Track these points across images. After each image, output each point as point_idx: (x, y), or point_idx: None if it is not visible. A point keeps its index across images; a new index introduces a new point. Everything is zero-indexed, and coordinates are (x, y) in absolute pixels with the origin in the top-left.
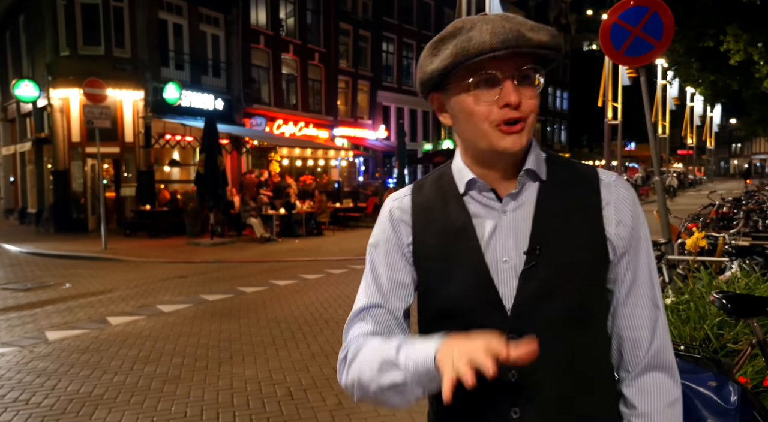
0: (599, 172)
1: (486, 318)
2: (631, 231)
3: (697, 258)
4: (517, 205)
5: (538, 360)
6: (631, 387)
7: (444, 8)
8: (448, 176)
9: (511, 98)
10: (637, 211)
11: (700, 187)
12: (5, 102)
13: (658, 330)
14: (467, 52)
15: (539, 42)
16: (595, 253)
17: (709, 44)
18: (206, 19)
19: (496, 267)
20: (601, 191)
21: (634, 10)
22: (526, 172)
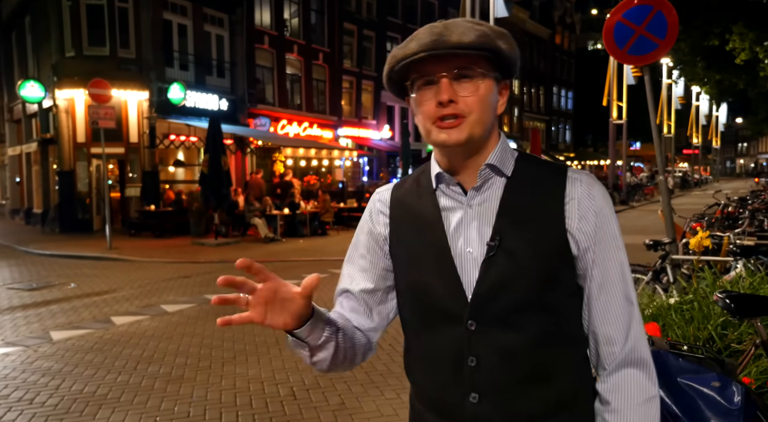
0: (569, 170)
1: (448, 305)
2: (595, 226)
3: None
4: (482, 199)
5: (495, 347)
6: (605, 383)
7: (448, 8)
8: (427, 172)
9: (443, 96)
10: (603, 207)
11: (705, 187)
12: (11, 103)
13: (633, 326)
14: (396, 58)
15: (456, 43)
16: (554, 247)
17: (714, 43)
18: (211, 19)
19: (461, 258)
20: (566, 187)
21: (638, 9)
22: (488, 166)
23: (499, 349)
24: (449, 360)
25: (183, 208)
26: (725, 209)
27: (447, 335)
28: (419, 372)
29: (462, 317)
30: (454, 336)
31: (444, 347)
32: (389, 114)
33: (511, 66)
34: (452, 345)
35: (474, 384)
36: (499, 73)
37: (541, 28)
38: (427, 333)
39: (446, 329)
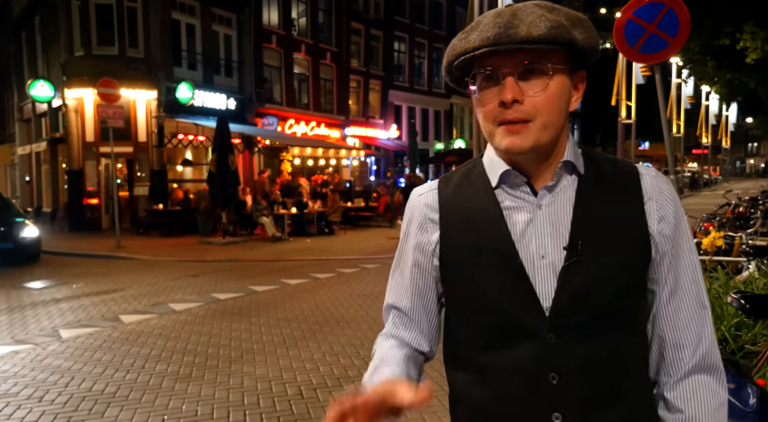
0: (639, 167)
1: (523, 319)
2: (674, 228)
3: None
4: (553, 199)
5: (579, 361)
6: (675, 390)
7: (456, 7)
8: (478, 169)
9: (506, 96)
10: (679, 208)
11: (715, 187)
12: (21, 102)
13: (705, 332)
14: (456, 52)
15: (525, 37)
16: (637, 250)
17: (725, 42)
18: (219, 19)
19: (533, 264)
20: (642, 185)
21: (650, 7)
22: (564, 164)
23: (582, 362)
24: (525, 378)
25: (191, 207)
26: (736, 209)
27: (521, 350)
28: (482, 394)
29: (539, 330)
30: (530, 351)
31: (518, 364)
32: (397, 113)
33: (589, 56)
34: (529, 361)
35: (557, 402)
36: (573, 64)
37: None
38: (493, 349)
39: (519, 344)
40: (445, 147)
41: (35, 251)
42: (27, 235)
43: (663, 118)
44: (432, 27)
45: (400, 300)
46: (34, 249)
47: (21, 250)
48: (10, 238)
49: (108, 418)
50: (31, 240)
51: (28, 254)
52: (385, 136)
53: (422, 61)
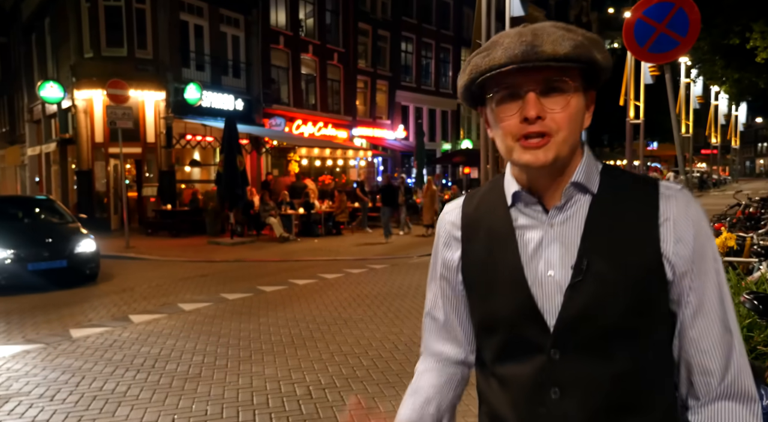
0: (660, 185)
1: (527, 333)
2: (693, 249)
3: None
4: (565, 218)
5: (581, 377)
6: (698, 414)
7: (463, 7)
8: (499, 186)
9: (529, 112)
10: (702, 227)
11: (724, 187)
12: (31, 103)
13: (734, 357)
14: (480, 69)
15: (552, 55)
16: (647, 271)
17: (734, 42)
18: (226, 20)
19: (540, 282)
20: (660, 206)
21: (659, 7)
22: (573, 185)
23: (585, 379)
24: (530, 391)
25: (199, 207)
26: (746, 210)
27: (527, 363)
28: (496, 398)
29: (544, 345)
30: (535, 365)
31: (524, 376)
32: (404, 114)
33: (604, 76)
34: (533, 374)
35: (557, 416)
36: (588, 83)
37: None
38: (504, 360)
39: (526, 357)
40: (453, 147)
41: (94, 269)
42: (84, 250)
43: (672, 117)
44: (439, 27)
45: (435, 310)
46: (93, 267)
47: (77, 268)
48: (63, 254)
49: (118, 417)
50: (88, 255)
51: (86, 273)
52: (392, 136)
53: (429, 61)
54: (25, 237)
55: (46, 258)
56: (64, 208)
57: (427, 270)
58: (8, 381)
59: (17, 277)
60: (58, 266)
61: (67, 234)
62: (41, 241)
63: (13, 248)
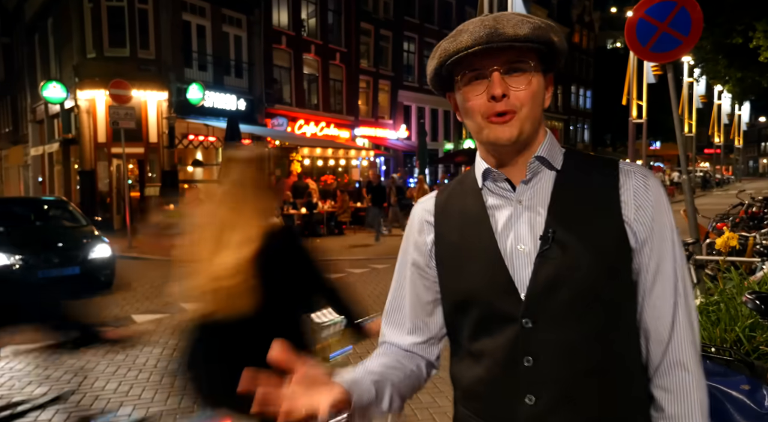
0: (619, 162)
1: (501, 305)
2: (652, 217)
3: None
4: (532, 194)
5: (552, 345)
6: (656, 387)
7: (465, 7)
8: (471, 173)
9: (495, 90)
10: (661, 197)
11: (727, 187)
12: (34, 104)
13: (677, 325)
14: (448, 52)
15: (513, 36)
16: (612, 239)
17: (737, 40)
18: (229, 20)
19: (512, 255)
20: (620, 177)
21: (661, 6)
22: (537, 159)
23: (556, 347)
24: (503, 361)
25: None
26: (749, 209)
27: (500, 335)
28: (469, 377)
29: (516, 315)
30: (508, 336)
31: (497, 348)
32: (406, 113)
33: (559, 59)
34: (506, 345)
35: (530, 385)
36: (546, 65)
37: (560, 27)
38: (478, 336)
39: (499, 329)
40: (455, 147)
41: (109, 275)
42: (98, 255)
43: (675, 117)
44: (441, 27)
45: (400, 299)
46: (108, 274)
47: (90, 275)
48: (76, 260)
49: (120, 417)
50: (103, 261)
51: (100, 280)
52: (394, 136)
53: None
54: (35, 242)
55: (57, 265)
56: (77, 210)
57: None
58: (11, 381)
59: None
60: (70, 273)
61: (80, 238)
62: (52, 246)
63: (21, 254)
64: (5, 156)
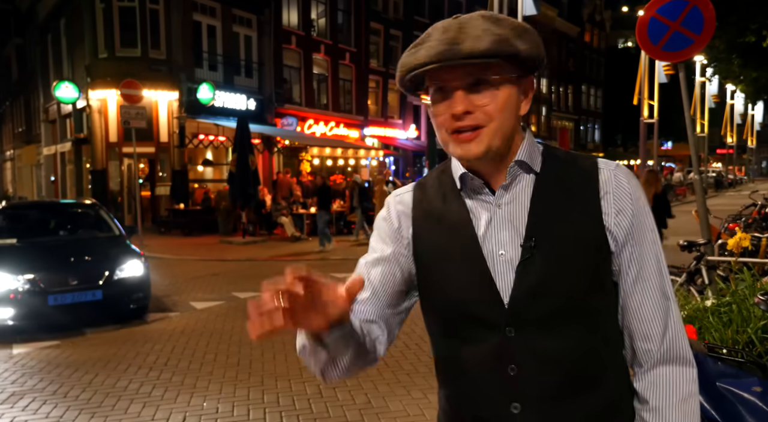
0: (599, 162)
1: (484, 312)
2: (632, 220)
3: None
4: (511, 198)
5: (536, 353)
6: (642, 381)
7: (475, 6)
8: (448, 171)
9: (456, 108)
10: (639, 199)
11: (740, 187)
12: (47, 103)
13: (670, 322)
14: (407, 67)
15: (469, 53)
16: (593, 244)
17: (750, 39)
18: (239, 20)
19: (493, 261)
20: (600, 180)
21: (673, 4)
22: (517, 163)
23: (540, 355)
24: (487, 369)
25: (211, 206)
26: (762, 210)
27: (484, 343)
28: (454, 384)
29: (499, 324)
30: (491, 344)
31: (481, 356)
32: (415, 113)
33: (535, 64)
34: (490, 353)
35: (515, 393)
36: (521, 71)
37: (570, 26)
38: (461, 342)
39: (482, 337)
40: None
41: (141, 300)
42: (127, 274)
43: (687, 117)
44: None
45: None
46: (140, 298)
47: (115, 300)
48: (96, 281)
49: (131, 414)
50: (133, 282)
51: (128, 307)
52: (404, 135)
53: None
54: (50, 258)
55: (74, 288)
56: (108, 216)
57: None
58: (23, 378)
59: (35, 315)
60: (89, 299)
61: (106, 252)
62: (70, 264)
63: (32, 273)
64: (18, 155)
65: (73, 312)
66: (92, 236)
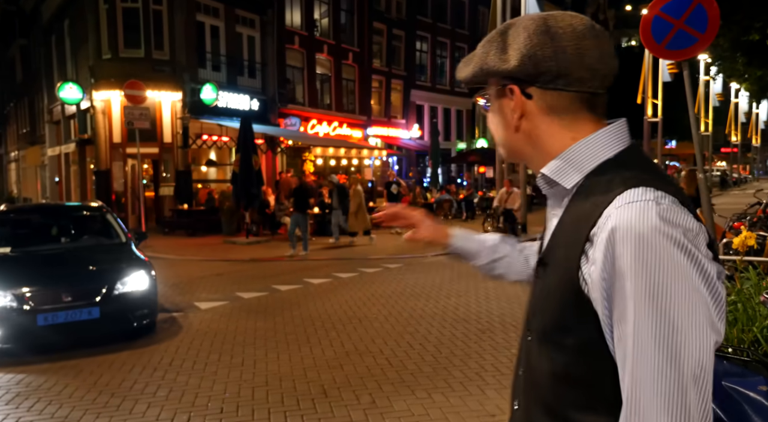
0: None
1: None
2: (601, 276)
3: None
4: (554, 214)
5: (533, 364)
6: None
7: (478, 6)
8: None
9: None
10: (623, 257)
11: (744, 186)
12: (51, 104)
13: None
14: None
15: (463, 79)
16: (568, 289)
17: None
18: (242, 20)
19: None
20: (602, 215)
21: (677, 3)
22: (542, 176)
23: (537, 367)
24: (516, 364)
25: (215, 207)
26: (767, 208)
27: (521, 342)
28: None
29: (526, 328)
30: (521, 343)
31: (518, 353)
32: (418, 113)
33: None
34: (520, 350)
35: (519, 392)
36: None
37: None
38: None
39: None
40: (468, 146)
41: (146, 316)
42: (129, 288)
43: (691, 115)
44: (454, 26)
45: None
46: (145, 314)
47: (115, 318)
48: (92, 297)
49: (135, 414)
50: (135, 297)
51: (131, 325)
52: (407, 135)
53: (444, 60)
54: (43, 270)
55: (67, 305)
56: (115, 221)
57: (440, 269)
58: (28, 378)
59: (21, 337)
60: (85, 318)
61: (107, 262)
62: (64, 277)
63: (21, 289)
64: (23, 156)
65: (66, 333)
66: (94, 244)
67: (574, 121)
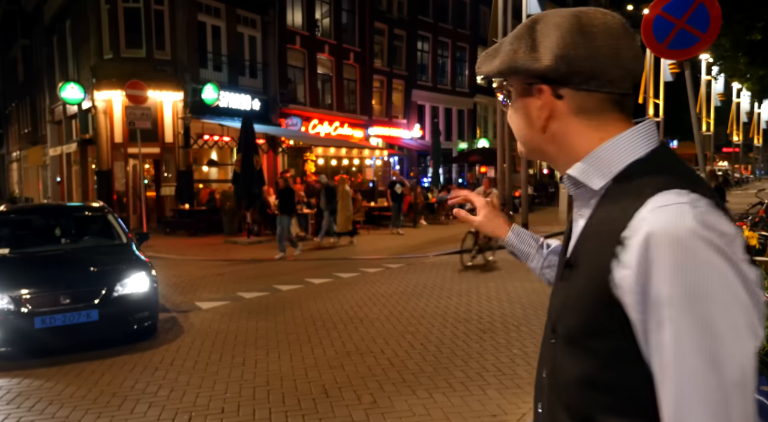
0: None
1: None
2: (635, 281)
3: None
4: (580, 215)
5: (558, 369)
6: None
7: (480, 6)
8: None
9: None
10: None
11: (746, 186)
12: (52, 104)
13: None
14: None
15: (486, 74)
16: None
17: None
18: (243, 20)
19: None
20: (634, 218)
21: (679, 2)
22: (568, 177)
23: (559, 371)
24: (539, 365)
25: (216, 207)
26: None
27: (544, 344)
28: None
29: (550, 330)
30: (544, 346)
31: (541, 355)
32: (420, 113)
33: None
34: (543, 354)
35: (541, 393)
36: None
37: None
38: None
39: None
40: (469, 146)
41: (146, 318)
42: (129, 290)
43: (693, 115)
44: (455, 26)
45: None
46: (145, 316)
47: (115, 320)
48: (91, 299)
49: (137, 414)
50: (135, 299)
51: (131, 328)
52: (408, 135)
53: (445, 60)
54: (41, 271)
55: (66, 308)
56: (116, 222)
57: (441, 269)
58: (28, 379)
59: (19, 340)
60: (83, 321)
61: (107, 263)
62: (63, 279)
63: (18, 291)
64: (25, 156)
65: (65, 336)
66: (95, 245)
67: (603, 121)
